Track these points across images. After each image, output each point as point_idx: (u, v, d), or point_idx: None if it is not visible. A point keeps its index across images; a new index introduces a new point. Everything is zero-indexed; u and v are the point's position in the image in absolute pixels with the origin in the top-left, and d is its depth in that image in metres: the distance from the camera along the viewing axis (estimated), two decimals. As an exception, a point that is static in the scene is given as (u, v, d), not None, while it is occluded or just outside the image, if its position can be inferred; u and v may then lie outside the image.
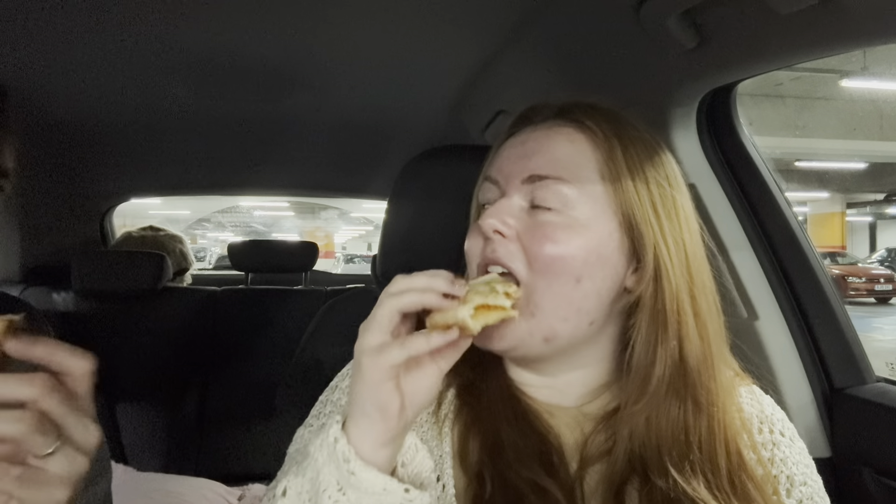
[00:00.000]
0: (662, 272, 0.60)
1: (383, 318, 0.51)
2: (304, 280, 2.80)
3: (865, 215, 18.76)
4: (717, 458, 0.59)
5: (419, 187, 0.96)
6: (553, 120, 0.66)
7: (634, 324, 0.62)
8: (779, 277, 1.07)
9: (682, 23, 0.85)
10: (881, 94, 9.66)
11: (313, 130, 1.95)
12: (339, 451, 0.49)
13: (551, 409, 0.64)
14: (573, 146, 0.63)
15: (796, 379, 1.04)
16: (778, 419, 0.68)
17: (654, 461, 0.58)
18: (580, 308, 0.59)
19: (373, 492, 0.49)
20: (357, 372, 0.51)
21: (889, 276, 12.41)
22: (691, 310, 0.60)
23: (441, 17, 1.15)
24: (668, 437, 0.59)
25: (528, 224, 0.60)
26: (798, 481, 0.64)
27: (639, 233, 0.60)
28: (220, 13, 1.14)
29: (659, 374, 0.59)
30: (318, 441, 0.51)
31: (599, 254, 0.59)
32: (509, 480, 0.56)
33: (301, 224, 23.85)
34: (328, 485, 0.49)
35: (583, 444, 0.61)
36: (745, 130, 1.09)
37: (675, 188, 0.63)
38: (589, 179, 0.61)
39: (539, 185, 0.61)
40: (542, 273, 0.58)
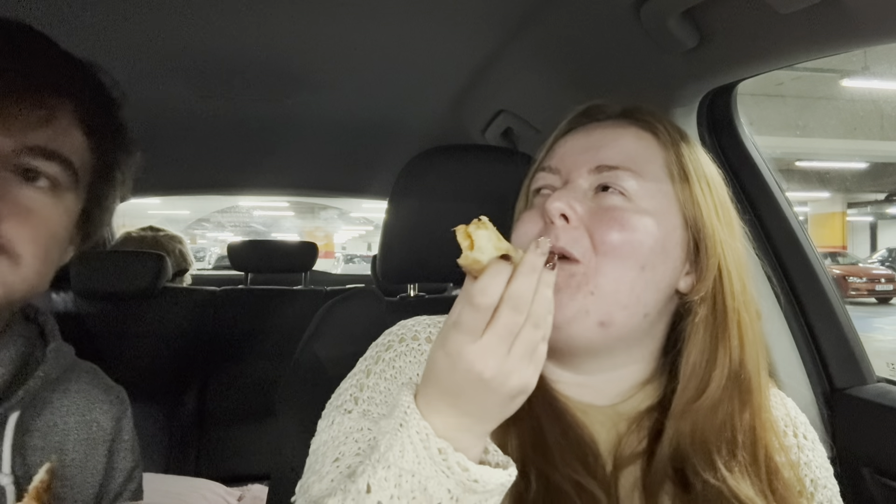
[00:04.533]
0: (724, 277, 0.61)
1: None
2: (303, 280, 2.80)
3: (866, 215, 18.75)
4: (759, 459, 0.59)
5: (419, 187, 0.96)
6: (619, 119, 0.67)
7: (688, 326, 0.62)
8: (780, 277, 1.07)
9: (682, 23, 0.85)
10: (882, 94, 9.65)
11: (313, 130, 1.95)
12: (455, 462, 0.46)
13: (584, 407, 0.63)
14: (641, 143, 0.64)
15: (797, 379, 1.04)
16: (801, 422, 0.69)
17: (702, 456, 0.58)
18: (640, 297, 0.59)
19: (490, 490, 0.47)
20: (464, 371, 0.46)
21: (890, 276, 12.40)
22: (747, 314, 0.62)
23: (441, 16, 1.15)
24: (717, 434, 0.59)
25: (594, 209, 0.60)
26: (821, 484, 0.65)
27: (702, 234, 0.61)
28: (220, 13, 1.14)
29: (718, 378, 0.60)
30: (410, 448, 0.47)
31: (664, 246, 0.60)
32: (553, 480, 0.55)
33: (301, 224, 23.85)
34: (441, 496, 0.46)
35: (616, 444, 0.61)
36: (746, 130, 1.09)
37: (728, 199, 0.66)
38: (656, 175, 0.62)
39: (608, 174, 0.61)
40: (608, 256, 0.58)
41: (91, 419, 0.69)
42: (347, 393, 0.64)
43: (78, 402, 0.68)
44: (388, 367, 0.64)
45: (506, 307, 0.46)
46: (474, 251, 0.46)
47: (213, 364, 2.40)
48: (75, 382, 0.69)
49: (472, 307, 0.46)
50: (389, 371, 0.64)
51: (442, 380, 0.48)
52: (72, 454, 0.66)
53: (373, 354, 0.67)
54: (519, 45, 1.23)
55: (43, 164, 0.57)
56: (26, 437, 0.62)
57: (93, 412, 0.69)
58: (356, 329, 0.93)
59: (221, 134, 1.99)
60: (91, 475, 0.68)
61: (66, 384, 0.67)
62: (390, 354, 0.65)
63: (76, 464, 0.66)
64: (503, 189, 0.93)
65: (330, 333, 0.96)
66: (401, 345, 0.66)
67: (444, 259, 0.95)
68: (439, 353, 0.48)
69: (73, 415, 0.67)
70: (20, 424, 0.60)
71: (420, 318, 0.70)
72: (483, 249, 0.47)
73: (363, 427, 0.59)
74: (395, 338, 0.67)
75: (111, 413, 0.71)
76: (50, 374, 0.63)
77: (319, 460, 0.59)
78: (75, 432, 0.67)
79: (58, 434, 0.65)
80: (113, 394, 0.73)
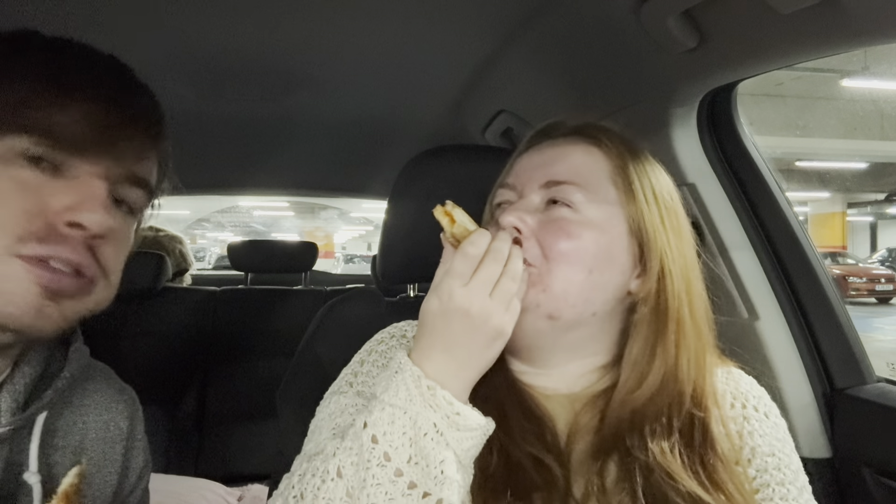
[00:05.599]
0: (666, 277, 0.66)
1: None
2: (303, 280, 2.80)
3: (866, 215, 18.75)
4: (694, 441, 0.64)
5: (419, 187, 0.96)
6: (570, 136, 0.72)
7: (635, 323, 0.67)
8: (779, 278, 1.07)
9: (682, 23, 0.85)
10: (882, 94, 9.66)
11: (313, 130, 1.95)
12: (441, 396, 0.54)
13: (547, 392, 0.69)
14: (589, 157, 0.69)
15: (797, 379, 1.04)
16: (754, 396, 0.71)
17: (636, 439, 0.63)
18: (588, 298, 0.64)
19: (473, 427, 0.55)
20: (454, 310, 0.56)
21: (890, 276, 12.40)
22: (689, 313, 0.67)
23: (441, 16, 1.15)
24: (652, 419, 0.64)
25: (544, 221, 0.66)
26: (763, 451, 0.67)
27: (647, 239, 0.67)
28: (220, 13, 1.14)
29: (656, 371, 0.65)
30: (403, 388, 0.55)
31: (609, 251, 0.65)
32: (513, 454, 0.61)
33: (301, 224, 23.85)
34: (428, 428, 0.53)
35: (572, 421, 0.67)
36: (746, 130, 1.09)
37: (677, 205, 0.71)
38: (603, 187, 0.67)
39: (556, 188, 0.67)
40: (557, 261, 0.64)
41: (108, 419, 0.70)
42: (343, 380, 0.71)
43: (96, 402, 0.70)
44: (380, 357, 0.72)
45: (489, 258, 0.58)
46: (458, 224, 0.61)
47: (213, 364, 2.40)
48: (92, 382, 0.70)
49: (463, 255, 0.58)
50: (381, 360, 0.71)
51: (434, 325, 0.57)
52: (91, 453, 0.67)
53: (366, 348, 0.75)
54: (519, 45, 1.23)
55: (134, 191, 0.62)
56: (50, 437, 0.63)
57: (110, 411, 0.71)
58: (356, 329, 0.93)
59: (221, 134, 1.99)
60: (109, 474, 0.69)
61: (84, 383, 0.69)
62: (382, 347, 0.73)
63: (95, 462, 0.67)
64: (503, 189, 0.93)
65: (330, 333, 0.97)
66: (391, 340, 0.74)
67: (444, 259, 0.96)
68: (432, 300, 0.58)
69: (91, 414, 0.69)
70: (46, 425, 0.62)
71: (410, 322, 0.78)
72: (465, 222, 0.61)
73: (357, 403, 0.66)
74: (386, 335, 0.76)
75: (126, 412, 0.73)
76: (75, 373, 0.64)
77: (316, 433, 0.65)
78: (94, 431, 0.68)
79: (78, 433, 0.67)
80: (126, 394, 0.74)
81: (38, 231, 0.54)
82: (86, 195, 0.56)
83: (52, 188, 0.55)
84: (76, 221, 0.55)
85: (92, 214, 0.55)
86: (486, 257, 0.58)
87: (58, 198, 0.55)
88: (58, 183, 0.55)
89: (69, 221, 0.55)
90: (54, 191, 0.55)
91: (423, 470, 0.52)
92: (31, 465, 0.59)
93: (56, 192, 0.55)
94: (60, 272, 0.55)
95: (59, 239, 0.55)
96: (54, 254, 0.55)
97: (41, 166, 0.55)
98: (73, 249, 0.56)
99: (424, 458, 0.53)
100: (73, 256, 0.56)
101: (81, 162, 0.56)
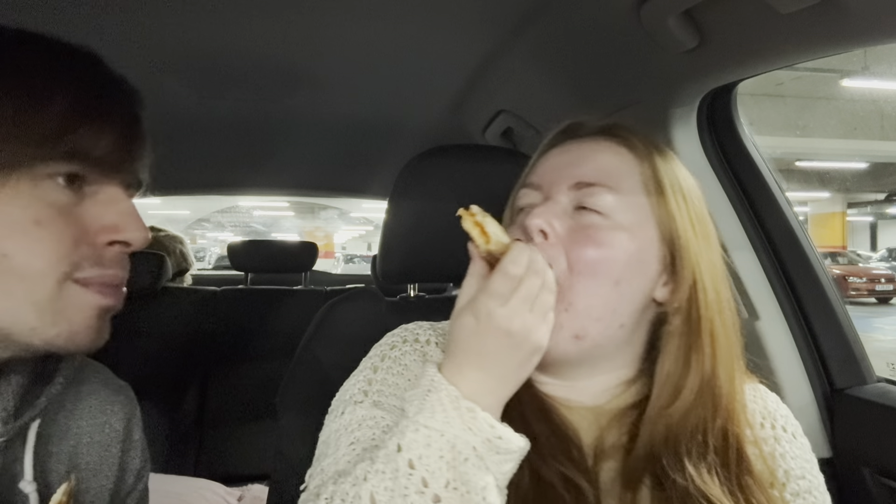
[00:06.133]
0: (699, 287, 0.63)
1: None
2: (303, 280, 2.80)
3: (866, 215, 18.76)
4: (729, 460, 0.61)
5: (419, 187, 0.96)
6: (596, 135, 0.69)
7: (666, 335, 0.64)
8: (779, 277, 1.07)
9: (682, 22, 0.85)
10: (882, 94, 9.66)
11: (313, 130, 1.95)
12: (482, 419, 0.51)
13: (570, 405, 0.66)
14: (618, 158, 0.66)
15: (797, 379, 1.04)
16: (781, 415, 0.70)
17: (672, 459, 0.60)
18: (615, 310, 0.62)
19: (514, 451, 0.52)
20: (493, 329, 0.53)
21: (890, 276, 12.40)
22: (721, 322, 0.64)
23: (441, 17, 1.15)
24: (688, 437, 0.61)
25: (572, 227, 0.63)
26: (795, 475, 0.66)
27: (679, 246, 0.64)
28: (220, 13, 1.14)
29: (691, 385, 0.62)
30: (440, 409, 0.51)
31: (639, 259, 0.62)
32: (542, 473, 0.58)
33: (301, 224, 23.85)
34: (468, 453, 0.50)
35: (598, 439, 0.64)
36: (746, 130, 1.09)
37: (704, 208, 0.67)
38: (633, 190, 0.64)
39: (586, 191, 0.63)
40: (583, 274, 0.60)
41: (104, 421, 0.69)
42: (356, 387, 0.66)
43: (91, 405, 0.68)
44: (395, 364, 0.67)
45: (529, 272, 0.54)
46: (492, 236, 0.56)
47: (213, 364, 2.40)
48: (86, 384, 0.69)
49: (504, 275, 0.54)
50: (396, 368, 0.67)
51: (469, 343, 0.54)
52: (86, 457, 0.66)
53: (377, 353, 0.70)
54: (519, 45, 1.23)
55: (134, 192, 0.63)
56: (44, 444, 0.62)
57: (105, 414, 0.69)
58: (356, 329, 0.93)
59: (221, 134, 1.99)
60: (105, 477, 0.68)
61: (77, 386, 0.68)
62: (395, 353, 0.69)
63: (91, 467, 0.66)
64: (503, 189, 0.93)
65: (330, 333, 0.96)
66: (404, 345, 0.69)
67: (444, 259, 0.96)
68: (467, 318, 0.54)
69: (85, 418, 0.67)
70: (40, 430, 0.61)
71: (419, 323, 0.74)
72: (499, 234, 0.57)
73: (375, 415, 0.62)
74: (398, 339, 0.71)
75: (122, 413, 0.71)
76: (69, 378, 0.63)
77: (332, 446, 0.61)
78: (88, 435, 0.67)
79: (72, 438, 0.66)
80: (123, 394, 0.73)
81: (90, 254, 0.55)
82: (123, 213, 0.57)
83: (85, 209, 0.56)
84: (123, 240, 0.57)
85: (136, 233, 0.57)
86: (527, 270, 0.55)
87: (96, 219, 0.56)
88: (88, 203, 0.56)
89: (112, 241, 0.56)
90: (90, 212, 0.56)
91: (464, 496, 0.50)
92: (26, 474, 0.58)
93: (92, 213, 0.56)
94: (116, 291, 0.57)
95: (111, 260, 0.56)
96: (111, 274, 0.56)
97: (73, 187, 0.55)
98: (122, 267, 0.58)
99: (465, 483, 0.50)
100: (123, 273, 0.58)
101: (107, 180, 0.57)
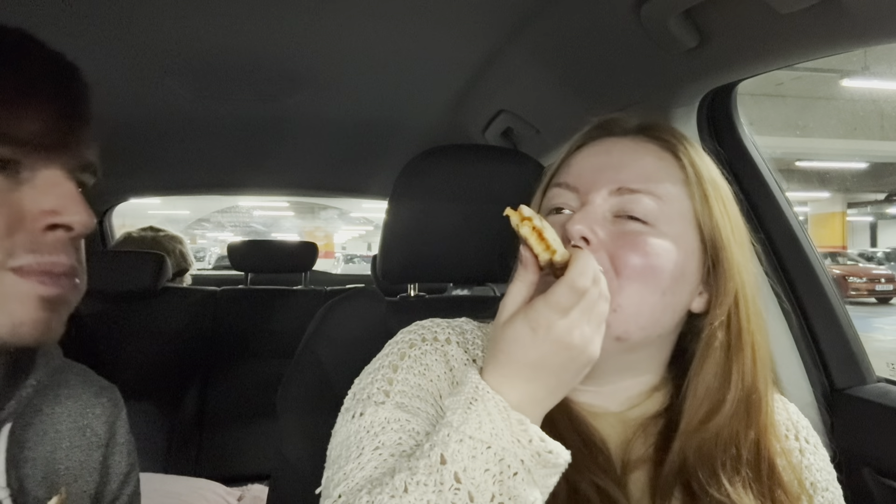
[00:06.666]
0: (740, 301, 0.61)
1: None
2: (303, 280, 2.80)
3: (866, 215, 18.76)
4: (762, 473, 0.60)
5: (419, 187, 0.96)
6: (636, 135, 0.66)
7: (706, 348, 0.62)
8: (779, 277, 1.07)
9: (682, 23, 0.85)
10: (882, 94, 9.65)
11: (313, 130, 1.95)
12: (533, 432, 0.49)
13: (595, 411, 0.64)
14: (661, 163, 0.63)
15: (797, 379, 1.04)
16: (803, 426, 0.69)
17: (707, 473, 0.58)
18: (658, 320, 0.60)
19: (561, 464, 0.50)
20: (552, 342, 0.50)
21: (890, 276, 12.40)
22: (760, 336, 0.62)
23: (441, 17, 1.15)
24: (722, 451, 0.60)
25: (615, 233, 0.60)
26: (821, 487, 0.65)
27: (721, 257, 0.61)
28: (219, 13, 1.14)
29: (731, 400, 0.60)
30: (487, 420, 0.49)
31: (683, 270, 0.60)
32: (576, 483, 0.56)
33: (301, 224, 23.85)
34: (517, 467, 0.48)
35: (625, 448, 0.62)
36: (746, 130, 1.09)
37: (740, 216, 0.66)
38: (677, 197, 0.62)
39: (629, 198, 0.61)
40: (630, 279, 0.58)
41: (84, 425, 0.66)
42: (374, 386, 0.63)
43: (70, 408, 0.66)
44: (416, 364, 0.64)
45: (593, 283, 0.51)
46: (554, 245, 0.53)
47: (213, 364, 2.40)
48: (66, 387, 0.67)
49: (572, 289, 0.50)
50: (417, 367, 0.64)
51: (523, 354, 0.51)
52: (65, 462, 0.64)
53: (395, 351, 0.66)
54: (519, 45, 1.23)
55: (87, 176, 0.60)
56: (18, 449, 0.60)
57: (85, 417, 0.67)
58: (356, 329, 0.93)
59: (221, 134, 1.99)
60: (86, 483, 0.66)
61: (56, 389, 0.65)
62: (416, 352, 0.65)
63: (70, 472, 0.64)
64: (503, 189, 0.93)
65: (330, 333, 0.96)
66: (424, 344, 0.66)
67: (444, 259, 0.96)
68: (521, 328, 0.51)
69: (64, 422, 0.65)
70: (12, 436, 0.58)
71: (435, 320, 0.71)
72: (558, 243, 0.53)
73: (400, 418, 0.59)
74: (417, 337, 0.67)
75: (104, 417, 0.69)
76: (42, 381, 0.61)
77: (354, 449, 0.57)
78: (68, 440, 0.65)
79: (49, 443, 0.63)
80: (105, 396, 0.70)
81: (26, 240, 0.52)
82: (62, 196, 0.53)
83: (23, 194, 0.53)
84: (63, 224, 0.53)
85: (76, 215, 0.54)
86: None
87: (33, 203, 0.53)
88: (26, 188, 0.53)
89: (51, 224, 0.53)
90: (27, 197, 0.53)
91: None
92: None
93: (29, 198, 0.53)
94: (60, 279, 0.53)
95: (50, 245, 0.53)
96: (51, 261, 0.53)
97: (5, 173, 0.52)
98: (65, 253, 0.54)
99: (513, 498, 0.48)
100: (67, 260, 0.54)
101: (45, 163, 0.54)
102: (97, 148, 0.61)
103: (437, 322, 0.70)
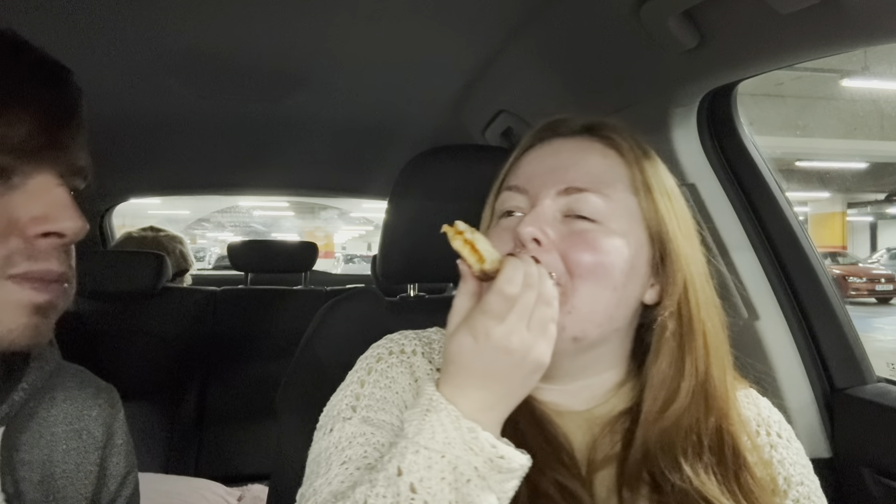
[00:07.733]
0: (689, 289, 0.63)
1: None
2: (303, 280, 2.80)
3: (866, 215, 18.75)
4: (726, 459, 0.61)
5: (419, 187, 0.96)
6: (581, 135, 0.68)
7: (659, 338, 0.64)
8: (779, 277, 1.07)
9: (682, 23, 0.85)
10: (882, 94, 9.65)
11: (313, 130, 1.95)
12: (484, 439, 0.50)
13: (560, 410, 0.65)
14: (606, 161, 0.65)
15: (797, 379, 1.04)
16: (775, 421, 0.69)
17: (669, 461, 0.60)
18: (612, 315, 0.62)
19: (515, 468, 0.51)
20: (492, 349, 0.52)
21: (890, 276, 12.39)
22: (712, 324, 0.64)
23: (441, 17, 1.15)
24: (682, 438, 0.61)
25: (565, 233, 0.61)
26: (795, 481, 0.66)
27: (668, 249, 0.63)
28: (220, 13, 1.14)
29: (686, 388, 0.62)
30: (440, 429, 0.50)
31: (633, 265, 0.62)
32: (538, 483, 0.57)
33: (301, 224, 23.85)
34: (470, 474, 0.49)
35: (591, 447, 0.63)
36: (746, 130, 1.09)
37: (685, 207, 0.67)
38: (623, 194, 0.64)
39: (576, 197, 0.62)
40: (583, 278, 0.60)
41: (81, 427, 0.66)
42: (343, 402, 0.65)
43: (66, 411, 0.65)
44: (382, 377, 0.66)
45: (525, 287, 0.53)
46: (486, 255, 0.56)
47: (213, 364, 2.40)
48: (61, 390, 0.66)
49: (500, 295, 0.53)
50: (383, 381, 0.66)
51: (469, 362, 0.53)
52: (62, 465, 0.63)
53: (364, 366, 0.68)
54: (519, 46, 1.23)
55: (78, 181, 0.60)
56: (13, 453, 0.59)
57: (82, 420, 0.66)
58: (356, 329, 0.93)
59: (221, 134, 1.99)
60: (83, 485, 0.65)
61: (51, 392, 0.65)
62: (382, 366, 0.67)
63: (67, 475, 0.64)
64: (503, 189, 0.92)
65: (330, 333, 0.96)
66: (391, 357, 0.68)
67: (444, 259, 0.95)
68: (464, 338, 0.53)
69: (60, 425, 0.64)
70: (6, 440, 0.58)
71: (404, 333, 0.73)
72: (490, 251, 0.56)
73: (366, 432, 0.61)
74: (384, 350, 0.69)
75: (101, 419, 0.68)
76: (35, 384, 0.61)
77: (323, 465, 0.59)
78: (64, 443, 0.64)
79: (45, 446, 0.63)
80: (102, 397, 0.69)
81: (20, 248, 0.52)
82: (54, 203, 0.53)
83: (14, 200, 0.52)
84: (56, 231, 0.53)
85: (68, 222, 0.54)
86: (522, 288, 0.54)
87: (25, 210, 0.52)
88: (17, 194, 0.53)
89: (44, 232, 0.53)
90: (18, 203, 0.52)
91: None
92: None
93: (20, 205, 0.52)
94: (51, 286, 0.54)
95: (43, 253, 0.53)
96: (44, 268, 0.53)
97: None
98: (59, 260, 0.54)
99: None
100: (59, 267, 0.54)
101: (36, 169, 0.54)
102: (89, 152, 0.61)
103: (406, 334, 0.72)
